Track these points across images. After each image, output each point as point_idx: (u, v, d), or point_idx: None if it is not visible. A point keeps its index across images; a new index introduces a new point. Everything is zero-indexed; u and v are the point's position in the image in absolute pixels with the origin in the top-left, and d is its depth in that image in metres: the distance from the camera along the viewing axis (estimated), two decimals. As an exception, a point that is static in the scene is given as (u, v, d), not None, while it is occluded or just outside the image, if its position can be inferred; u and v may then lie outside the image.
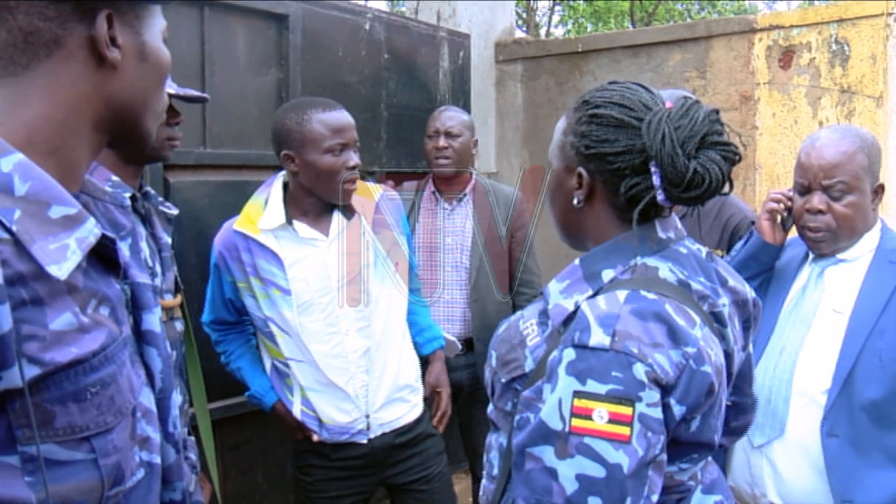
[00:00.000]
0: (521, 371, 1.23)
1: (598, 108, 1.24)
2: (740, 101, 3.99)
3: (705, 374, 1.14)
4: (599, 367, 1.09)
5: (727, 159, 1.19)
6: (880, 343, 1.81)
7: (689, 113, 1.18)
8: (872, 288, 1.87)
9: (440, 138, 3.14)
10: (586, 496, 1.06)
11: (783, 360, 1.89)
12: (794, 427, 1.85)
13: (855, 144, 1.87)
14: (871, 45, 3.68)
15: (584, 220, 1.30)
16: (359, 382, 2.29)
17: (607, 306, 1.14)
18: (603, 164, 1.23)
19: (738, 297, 1.33)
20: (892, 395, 1.79)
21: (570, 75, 4.44)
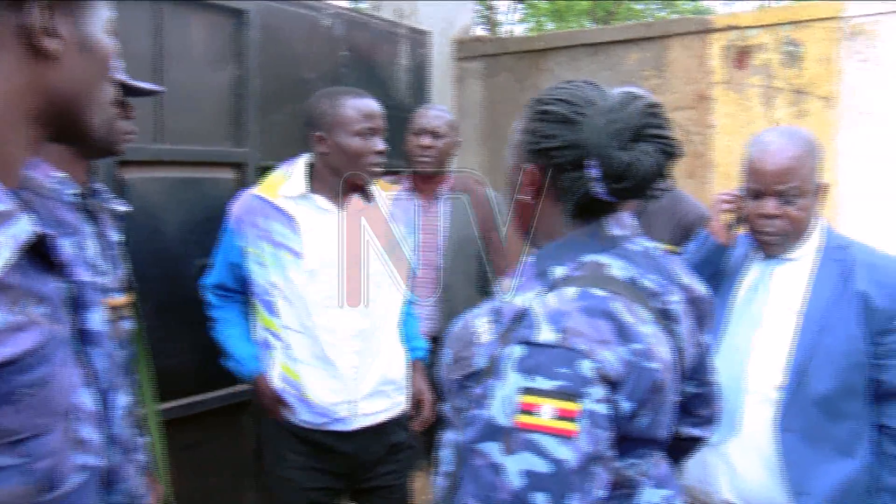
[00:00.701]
0: (474, 368, 1.23)
1: (547, 105, 1.25)
2: (697, 99, 4.03)
3: (653, 371, 1.15)
4: (547, 363, 1.09)
5: (664, 152, 1.20)
6: (829, 339, 1.85)
7: (625, 106, 1.20)
8: (820, 285, 1.91)
9: (425, 137, 3.15)
10: (532, 492, 1.07)
11: (736, 358, 1.91)
12: (748, 424, 1.87)
13: (804, 148, 1.90)
14: (823, 48, 3.74)
15: (535, 217, 1.31)
16: (350, 363, 2.31)
17: (557, 303, 1.14)
18: (548, 160, 1.24)
19: (692, 294, 1.35)
20: (842, 388, 1.83)
21: (529, 73, 4.45)
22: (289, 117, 3.21)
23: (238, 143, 2.99)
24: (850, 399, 1.85)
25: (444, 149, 3.17)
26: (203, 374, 2.82)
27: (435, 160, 3.17)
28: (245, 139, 2.99)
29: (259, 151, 3.04)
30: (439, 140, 3.15)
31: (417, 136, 3.18)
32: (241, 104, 2.98)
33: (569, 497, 1.07)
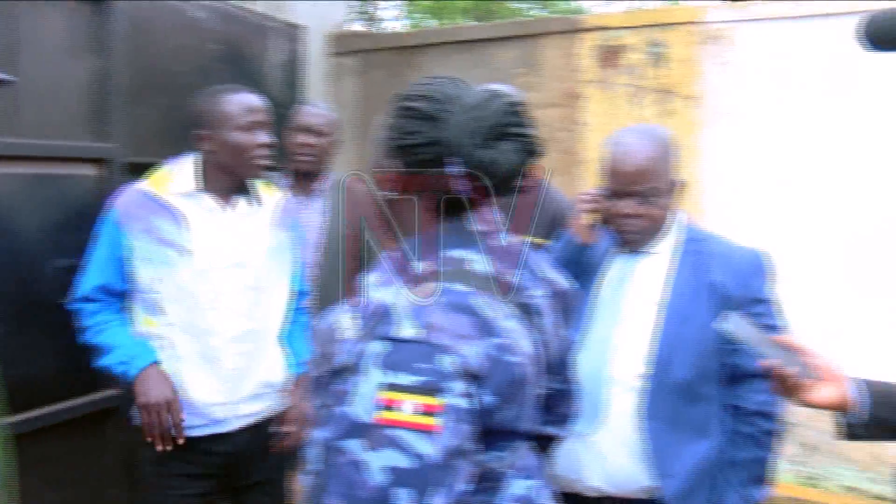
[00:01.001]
0: (337, 365, 1.22)
1: (409, 101, 1.25)
2: (568, 97, 4.14)
3: (513, 365, 1.17)
4: (407, 358, 1.10)
5: (525, 150, 1.21)
6: (686, 328, 1.92)
7: (488, 104, 1.21)
8: (678, 277, 1.97)
9: (305, 135, 3.10)
10: (395, 488, 1.07)
11: (600, 350, 1.95)
12: (613, 413, 1.92)
13: (659, 148, 1.95)
14: (685, 50, 3.90)
15: (399, 213, 1.31)
16: (234, 364, 2.28)
17: (418, 298, 1.15)
18: (409, 156, 1.24)
19: (556, 288, 1.38)
20: (698, 374, 1.91)
21: (402, 69, 4.45)
22: (159, 112, 3.10)
23: (100, 137, 2.86)
24: (707, 383, 1.93)
25: (324, 148, 3.13)
26: (61, 382, 2.70)
27: (315, 159, 3.13)
28: (108, 134, 2.87)
29: (126, 147, 2.92)
30: (320, 139, 3.12)
31: (297, 134, 3.13)
32: (104, 97, 2.86)
33: (431, 492, 1.08)
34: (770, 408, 1.93)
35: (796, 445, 3.78)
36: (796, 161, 3.72)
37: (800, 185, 3.72)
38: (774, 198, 3.76)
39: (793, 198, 3.73)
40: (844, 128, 3.62)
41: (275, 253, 2.38)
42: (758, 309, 1.91)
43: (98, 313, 2.30)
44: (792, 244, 3.67)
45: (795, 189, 3.73)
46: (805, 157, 3.70)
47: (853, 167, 3.62)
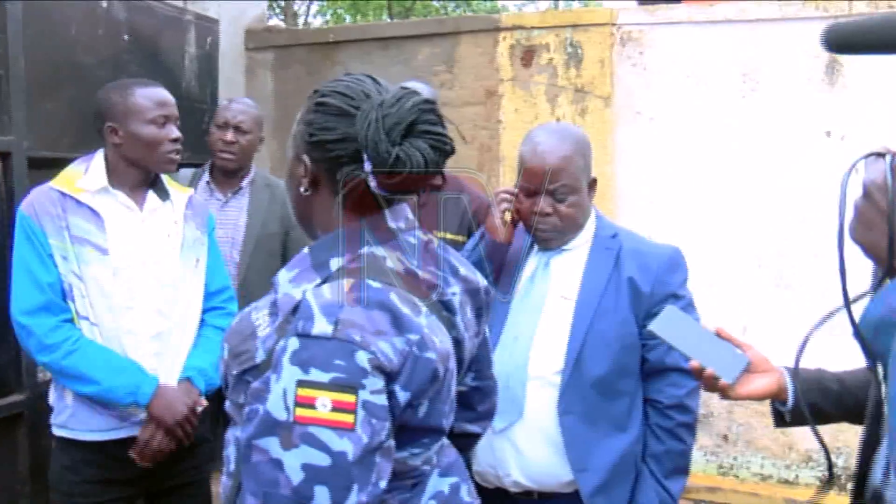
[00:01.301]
0: (253, 362, 1.21)
1: (324, 97, 1.25)
2: (486, 95, 4.17)
3: (429, 361, 1.17)
4: (322, 355, 1.09)
5: (435, 148, 1.21)
6: (602, 324, 1.95)
7: (400, 102, 1.20)
8: (593, 274, 2.00)
9: (228, 131, 3.09)
10: (312, 485, 1.06)
11: (518, 346, 1.97)
12: (532, 409, 1.94)
13: (572, 147, 1.97)
14: (599, 51, 3.97)
15: (313, 209, 1.30)
16: (149, 366, 2.22)
17: (331, 295, 1.15)
18: (324, 152, 1.24)
19: (470, 285, 1.38)
20: (616, 369, 1.94)
21: (321, 65, 4.42)
22: (65, 105, 2.99)
23: (1, 130, 2.73)
24: (625, 378, 1.97)
25: (246, 145, 3.12)
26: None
27: (237, 156, 3.11)
28: (8, 127, 2.75)
29: (29, 141, 2.80)
30: (243, 136, 3.11)
31: (220, 130, 3.11)
32: (1, 88, 2.72)
33: (350, 488, 1.07)
34: (686, 401, 1.97)
35: (711, 436, 3.90)
36: (707, 161, 3.83)
37: (710, 183, 3.84)
38: (687, 196, 3.87)
39: (704, 196, 3.85)
40: (753, 129, 3.76)
41: (188, 249, 2.34)
42: (673, 304, 1.91)
43: (58, 329, 2.13)
44: (704, 241, 3.78)
45: (706, 187, 3.84)
46: (715, 157, 3.82)
47: (761, 167, 3.75)
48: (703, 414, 3.86)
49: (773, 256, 3.74)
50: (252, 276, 3.03)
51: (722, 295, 3.76)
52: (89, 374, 2.12)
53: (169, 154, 2.27)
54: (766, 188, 3.74)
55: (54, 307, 2.13)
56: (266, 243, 3.09)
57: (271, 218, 3.11)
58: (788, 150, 3.70)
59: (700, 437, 3.86)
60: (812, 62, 3.67)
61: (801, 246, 3.65)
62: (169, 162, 2.29)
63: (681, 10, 3.93)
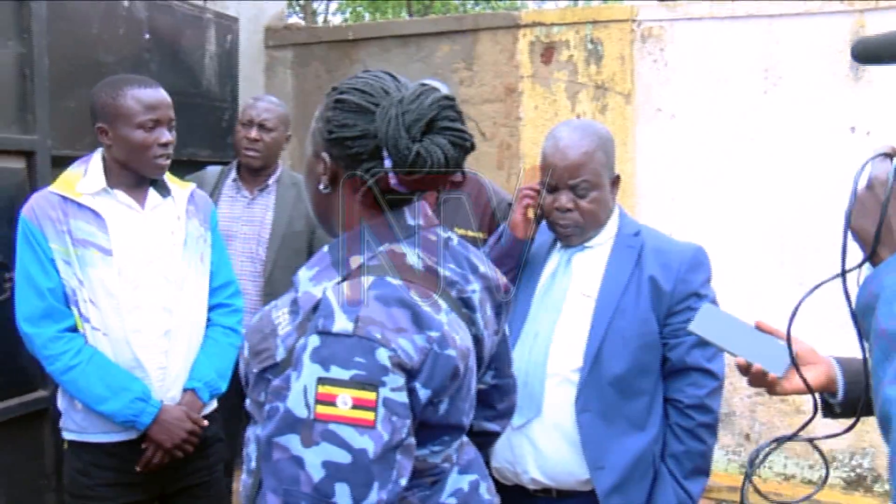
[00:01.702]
0: (273, 360, 1.22)
1: (343, 94, 1.25)
2: (505, 92, 4.16)
3: (450, 358, 1.17)
4: (343, 352, 1.09)
5: (455, 144, 1.21)
6: (622, 322, 1.94)
7: (419, 98, 1.20)
8: (614, 272, 2.00)
9: (253, 129, 3.11)
10: (333, 483, 1.07)
11: (537, 343, 1.97)
12: (550, 406, 1.94)
13: (594, 143, 1.97)
14: (619, 47, 3.96)
15: (332, 207, 1.30)
16: (158, 364, 2.22)
17: (351, 293, 1.15)
18: (343, 149, 1.24)
19: (489, 283, 1.37)
20: (634, 368, 1.94)
21: (340, 63, 4.43)
22: (85, 103, 2.98)
23: (25, 129, 2.77)
24: (644, 377, 1.96)
25: (271, 143, 3.14)
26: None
27: (262, 154, 3.12)
28: (32, 126, 2.78)
29: (52, 139, 2.83)
30: (267, 134, 3.13)
31: (245, 128, 3.13)
32: (26, 87, 2.76)
33: (370, 486, 1.08)
34: (706, 401, 1.97)
35: (734, 435, 3.88)
36: (729, 158, 3.81)
37: (733, 180, 3.81)
38: (708, 193, 3.85)
39: (726, 193, 3.82)
40: (775, 125, 3.73)
41: (191, 245, 2.33)
42: (695, 303, 1.94)
43: (58, 340, 2.12)
44: (725, 239, 3.76)
45: (729, 184, 3.82)
46: (737, 153, 3.79)
47: (784, 164, 3.72)
48: (724, 413, 3.84)
49: (795, 255, 3.71)
50: (277, 273, 3.04)
51: (743, 293, 3.74)
52: (89, 393, 2.13)
53: (157, 159, 2.22)
54: (788, 185, 3.71)
55: (56, 314, 2.12)
56: (292, 241, 3.10)
57: (297, 216, 3.12)
58: (812, 146, 3.67)
59: (722, 436, 3.84)
60: (836, 57, 3.63)
61: (823, 244, 3.62)
62: (157, 167, 2.24)
63: (702, 5, 3.91)
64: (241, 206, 3.13)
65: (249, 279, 3.05)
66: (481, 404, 1.45)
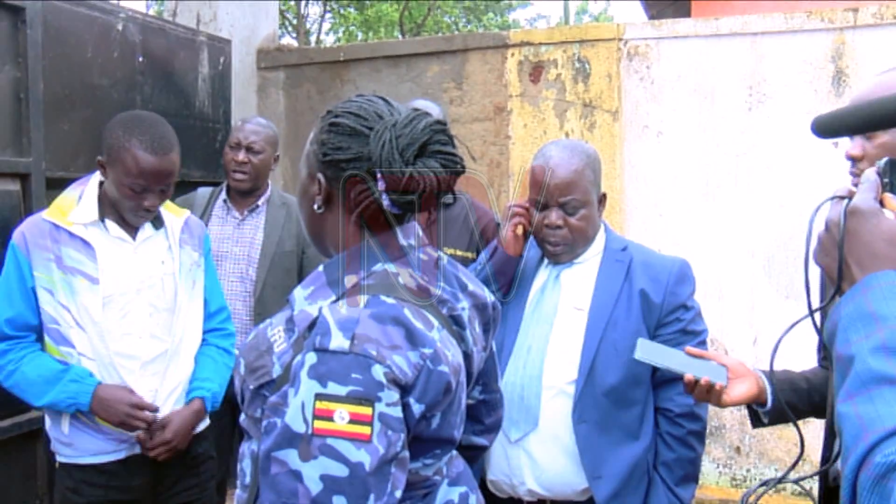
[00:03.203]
0: (269, 377, 1.24)
1: (338, 117, 1.28)
2: (494, 111, 4.20)
3: (442, 374, 1.20)
4: (339, 369, 1.12)
5: (447, 167, 1.24)
6: (615, 334, 1.98)
7: (412, 123, 1.24)
8: (605, 285, 2.03)
9: (240, 151, 3.13)
10: (331, 496, 1.09)
11: (531, 357, 1.99)
12: (547, 418, 1.96)
13: (583, 162, 2.01)
14: (607, 65, 4.00)
15: (326, 227, 1.33)
16: (149, 387, 2.24)
17: (348, 311, 1.17)
18: (337, 171, 1.27)
19: (478, 301, 1.41)
20: (627, 379, 1.97)
21: (331, 84, 4.46)
22: (80, 126, 3.04)
23: (20, 152, 2.79)
24: (637, 387, 2.00)
25: (259, 165, 3.15)
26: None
27: (249, 175, 3.14)
28: (28, 149, 2.80)
29: (46, 162, 2.85)
30: (255, 156, 3.15)
31: (233, 151, 3.16)
32: (21, 109, 2.78)
33: (367, 498, 1.10)
34: (695, 409, 2.01)
35: (724, 448, 3.90)
36: (715, 174, 3.85)
37: (718, 196, 3.85)
38: (695, 209, 3.88)
39: (712, 209, 3.86)
40: (760, 141, 3.77)
41: (185, 273, 2.35)
42: (683, 315, 2.00)
43: (9, 352, 2.17)
44: (712, 253, 3.80)
45: (715, 200, 3.85)
46: (723, 170, 3.83)
47: (769, 179, 3.76)
48: (715, 426, 3.86)
49: (781, 267, 3.75)
50: (268, 293, 3.06)
51: (731, 306, 3.78)
52: (30, 391, 2.17)
53: (138, 215, 2.23)
54: (774, 200, 3.75)
55: (12, 335, 2.17)
56: (282, 261, 3.12)
57: (287, 236, 3.14)
58: (797, 161, 3.71)
59: (713, 449, 3.86)
60: (818, 73, 3.69)
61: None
62: (136, 221, 2.26)
63: (687, 23, 3.96)
64: (231, 226, 3.14)
65: (240, 299, 3.07)
66: (469, 419, 1.48)
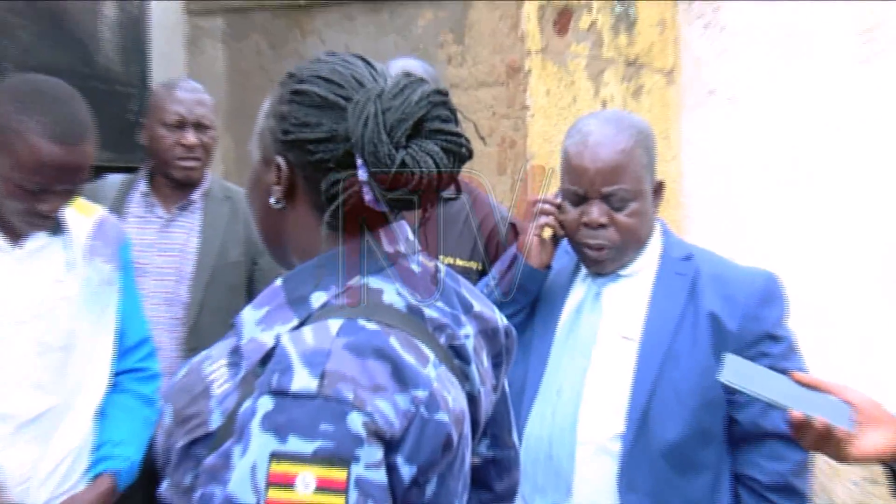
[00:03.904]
0: (206, 429, 1.23)
1: (303, 83, 1.29)
2: (507, 73, 4.16)
3: (440, 424, 1.19)
4: (304, 418, 1.11)
5: (449, 151, 1.24)
6: (675, 372, 1.97)
7: (403, 92, 1.23)
8: (662, 307, 2.03)
9: (188, 131, 3.08)
10: None
11: (563, 402, 1.99)
12: (584, 485, 1.96)
13: (632, 139, 2.01)
14: (659, 10, 3.98)
15: (287, 228, 1.34)
16: (23, 459, 2.19)
17: (315, 340, 1.16)
18: (304, 155, 1.27)
19: (487, 325, 1.41)
20: (693, 434, 1.96)
21: (288, 35, 4.44)
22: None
23: None
24: (706, 446, 1.98)
25: (211, 144, 3.15)
26: None
27: (203, 162, 3.13)
28: None
29: None
30: (205, 134, 3.12)
31: (174, 131, 3.09)
32: None
33: None
34: (792, 480, 1.99)
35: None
36: (811, 153, 3.83)
37: (816, 183, 3.83)
38: (781, 202, 3.86)
39: (807, 201, 3.84)
40: (876, 107, 3.74)
41: (91, 295, 2.31)
42: (770, 348, 1.99)
43: None
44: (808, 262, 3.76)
45: (810, 189, 3.83)
46: (823, 146, 3.82)
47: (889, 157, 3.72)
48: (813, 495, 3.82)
49: None
50: (206, 320, 3.04)
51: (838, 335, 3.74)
52: None
53: (29, 222, 2.18)
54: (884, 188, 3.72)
55: None
56: (225, 275, 3.10)
57: (232, 241, 3.13)
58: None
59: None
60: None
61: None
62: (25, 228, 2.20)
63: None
64: (154, 229, 3.11)
65: (166, 329, 3.02)
66: (475, 484, 1.46)
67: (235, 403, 1.20)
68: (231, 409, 1.20)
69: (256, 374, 1.20)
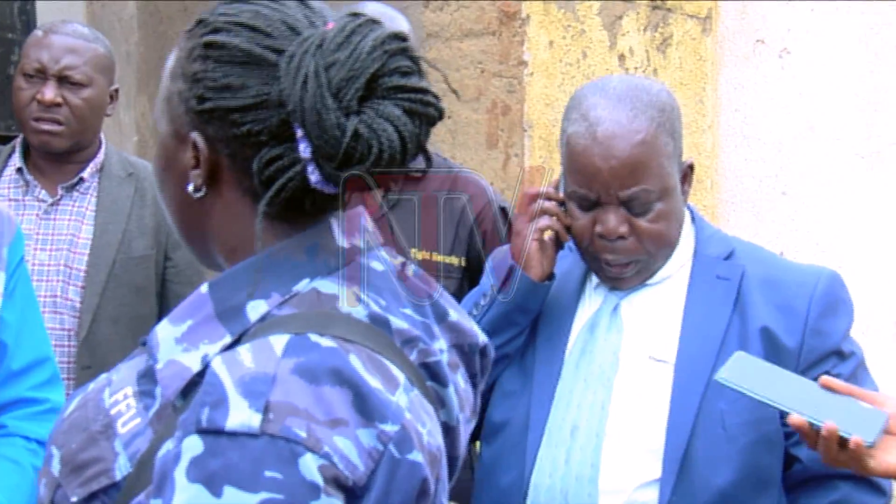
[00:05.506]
0: (110, 480, 1.22)
1: (218, 32, 1.26)
2: (500, 19, 4.16)
3: (414, 466, 1.19)
4: (244, 464, 1.10)
5: (413, 113, 1.22)
6: (721, 402, 1.97)
7: (350, 39, 1.21)
8: (699, 319, 2.03)
9: (47, 85, 3.06)
10: None
11: (579, 444, 1.99)
12: None
13: (653, 123, 1.99)
14: (692, -64, 3.99)
15: (211, 221, 1.33)
16: None
17: (255, 363, 1.14)
18: (227, 128, 1.25)
19: (464, 339, 1.41)
20: (745, 478, 1.97)
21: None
22: None
23: None
24: (761, 493, 1.99)
25: (84, 107, 3.12)
26: None
27: (67, 128, 3.10)
28: None
29: None
30: (76, 92, 3.10)
31: (30, 82, 3.10)
32: None
33: None
34: None
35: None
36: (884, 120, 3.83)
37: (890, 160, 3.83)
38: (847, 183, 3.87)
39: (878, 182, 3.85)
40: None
41: None
42: (837, 367, 1.98)
43: None
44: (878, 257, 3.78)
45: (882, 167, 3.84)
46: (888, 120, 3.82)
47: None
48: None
49: None
50: (103, 331, 3.05)
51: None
52: None
53: None
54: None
55: None
56: (128, 274, 3.11)
57: (137, 230, 3.14)
58: None
59: None
60: None
61: None
62: None
63: None
64: (33, 216, 3.12)
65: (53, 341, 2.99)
66: None
67: (148, 445, 1.19)
68: (143, 453, 1.20)
69: (177, 407, 1.19)
